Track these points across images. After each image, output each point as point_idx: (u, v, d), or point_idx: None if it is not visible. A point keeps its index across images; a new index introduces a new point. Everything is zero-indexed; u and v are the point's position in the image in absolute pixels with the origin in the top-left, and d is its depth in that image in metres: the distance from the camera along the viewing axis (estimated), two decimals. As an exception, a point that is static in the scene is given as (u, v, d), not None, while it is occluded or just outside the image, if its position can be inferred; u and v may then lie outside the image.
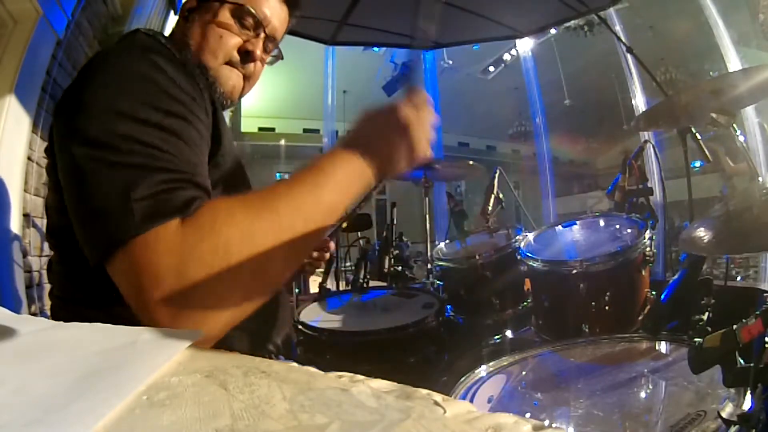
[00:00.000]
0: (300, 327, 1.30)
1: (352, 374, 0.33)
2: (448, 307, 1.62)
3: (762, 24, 4.92)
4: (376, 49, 7.59)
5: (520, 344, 1.37)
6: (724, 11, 5.26)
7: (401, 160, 0.53)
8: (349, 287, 1.89)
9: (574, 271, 1.27)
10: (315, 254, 1.00)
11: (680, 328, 1.03)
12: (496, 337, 1.53)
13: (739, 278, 4.19)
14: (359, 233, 1.87)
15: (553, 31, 7.04)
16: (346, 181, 0.49)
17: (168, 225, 0.42)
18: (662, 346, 0.93)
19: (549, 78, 7.97)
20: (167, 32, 0.77)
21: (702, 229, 0.78)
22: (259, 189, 0.48)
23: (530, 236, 1.55)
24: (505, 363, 0.95)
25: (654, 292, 1.30)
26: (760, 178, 1.33)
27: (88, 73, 0.54)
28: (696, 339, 0.57)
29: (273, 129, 9.10)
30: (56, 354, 0.38)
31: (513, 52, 8.21)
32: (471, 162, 2.18)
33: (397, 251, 1.97)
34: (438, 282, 1.75)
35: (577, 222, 1.57)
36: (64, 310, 0.60)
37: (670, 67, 7.18)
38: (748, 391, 0.52)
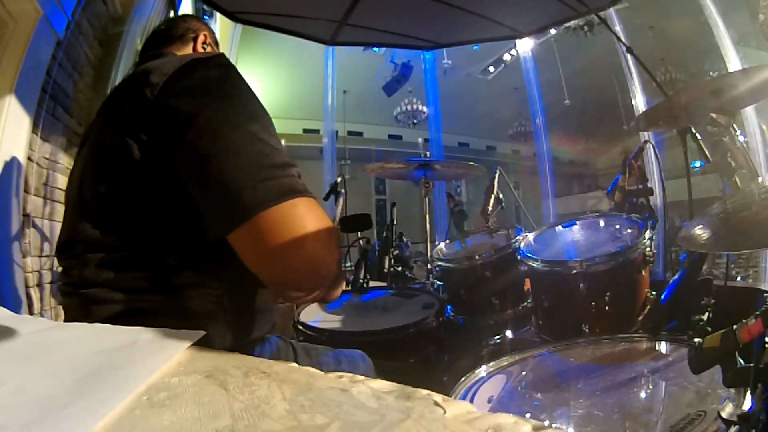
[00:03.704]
0: (300, 327, 1.30)
1: (352, 374, 0.33)
2: (449, 307, 1.61)
3: (762, 24, 4.92)
4: (376, 49, 7.56)
5: (520, 344, 1.37)
6: (724, 11, 5.26)
7: None
8: (349, 287, 1.89)
9: (574, 272, 1.27)
10: None
11: (680, 328, 1.03)
12: (496, 337, 1.53)
13: (739, 278, 4.19)
14: (359, 233, 1.87)
15: (553, 31, 7.02)
16: None
17: (303, 198, 0.55)
18: (662, 346, 0.93)
19: (549, 78, 7.95)
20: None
21: (701, 226, 0.78)
22: None
23: (530, 236, 1.55)
24: (505, 363, 0.95)
25: (654, 292, 1.30)
26: (760, 178, 1.33)
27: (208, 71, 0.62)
28: (696, 339, 0.57)
29: (273, 129, 9.09)
30: (56, 354, 0.38)
31: (513, 52, 8.19)
32: (471, 162, 2.18)
33: (397, 251, 1.97)
34: (438, 282, 1.75)
35: (577, 222, 1.57)
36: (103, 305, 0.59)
37: (670, 67, 7.17)
38: (748, 391, 0.52)
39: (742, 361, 0.53)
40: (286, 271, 0.55)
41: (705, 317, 0.99)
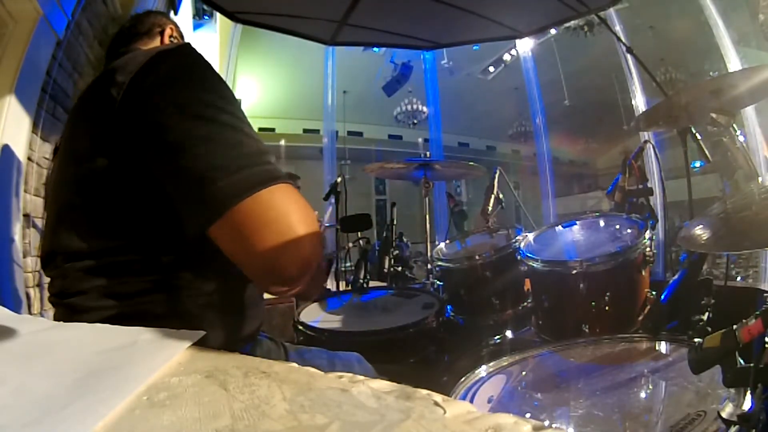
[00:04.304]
0: (300, 327, 1.30)
1: (352, 374, 0.33)
2: (449, 307, 1.61)
3: (762, 24, 4.92)
4: (376, 49, 7.57)
5: (520, 344, 1.37)
6: (724, 11, 5.26)
7: None
8: (349, 287, 1.89)
9: (574, 272, 1.27)
10: None
11: (680, 328, 1.03)
12: (496, 337, 1.53)
13: (739, 278, 4.19)
14: (359, 233, 1.88)
15: (553, 31, 7.02)
16: None
17: (280, 185, 0.54)
18: (662, 346, 0.93)
19: (549, 78, 7.95)
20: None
21: (701, 226, 0.78)
22: None
23: (530, 236, 1.55)
24: (505, 363, 0.95)
25: (654, 292, 1.30)
26: (760, 178, 1.33)
27: (177, 62, 0.60)
28: (696, 339, 0.57)
29: (273, 129, 9.10)
30: (56, 354, 0.38)
31: (513, 52, 8.19)
32: (471, 162, 2.18)
33: (397, 251, 1.97)
34: (438, 282, 1.75)
35: (577, 222, 1.57)
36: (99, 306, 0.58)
37: (670, 67, 7.17)
38: (748, 391, 0.52)
39: (742, 361, 0.53)
40: (270, 261, 0.53)
41: (705, 317, 0.99)
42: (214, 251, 0.55)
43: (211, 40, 5.28)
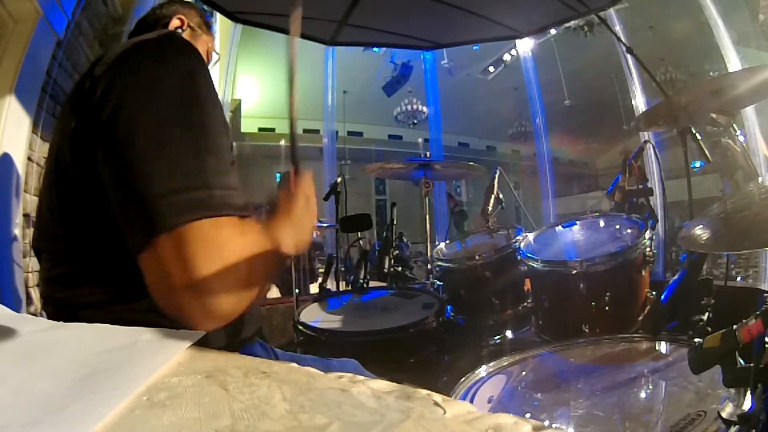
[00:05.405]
0: (300, 327, 1.30)
1: (352, 374, 0.33)
2: (449, 307, 1.61)
3: (762, 24, 4.93)
4: (376, 49, 7.58)
5: (520, 344, 1.37)
6: (724, 11, 5.27)
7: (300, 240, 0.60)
8: (349, 287, 1.89)
9: (574, 272, 1.27)
10: None
11: (680, 328, 1.03)
12: (497, 337, 1.53)
13: (739, 278, 4.19)
14: (359, 233, 1.88)
15: (553, 31, 7.03)
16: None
17: (214, 220, 0.46)
18: (662, 346, 0.93)
19: (549, 78, 7.96)
20: None
21: (701, 226, 0.78)
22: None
23: (530, 236, 1.55)
24: (505, 363, 0.95)
25: (654, 292, 1.30)
26: (760, 178, 1.33)
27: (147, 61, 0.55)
28: (696, 339, 0.57)
29: (273, 129, 9.11)
30: (56, 354, 0.38)
31: (513, 52, 8.21)
32: (471, 162, 2.18)
33: (397, 251, 1.97)
34: (438, 282, 1.75)
35: (577, 222, 1.57)
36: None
37: (670, 67, 7.19)
38: (748, 391, 0.52)
39: (742, 361, 0.53)
40: (178, 311, 0.45)
41: (705, 317, 0.99)
42: None
43: (211, 40, 5.27)
